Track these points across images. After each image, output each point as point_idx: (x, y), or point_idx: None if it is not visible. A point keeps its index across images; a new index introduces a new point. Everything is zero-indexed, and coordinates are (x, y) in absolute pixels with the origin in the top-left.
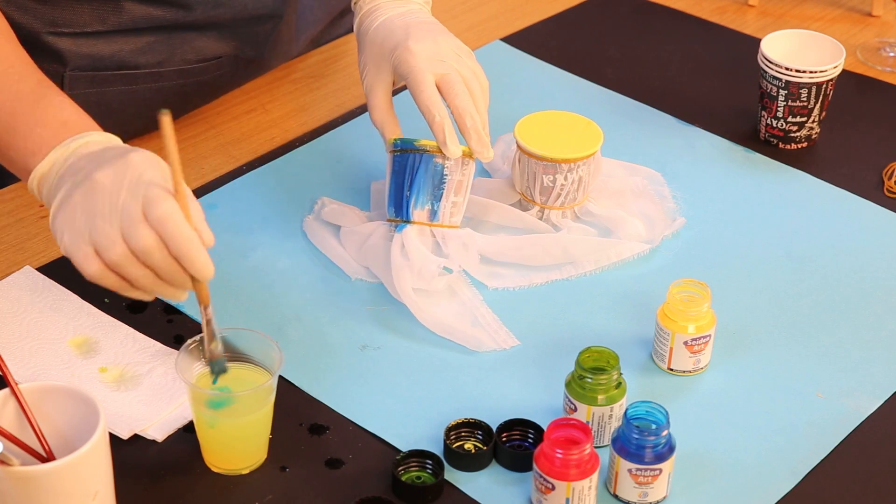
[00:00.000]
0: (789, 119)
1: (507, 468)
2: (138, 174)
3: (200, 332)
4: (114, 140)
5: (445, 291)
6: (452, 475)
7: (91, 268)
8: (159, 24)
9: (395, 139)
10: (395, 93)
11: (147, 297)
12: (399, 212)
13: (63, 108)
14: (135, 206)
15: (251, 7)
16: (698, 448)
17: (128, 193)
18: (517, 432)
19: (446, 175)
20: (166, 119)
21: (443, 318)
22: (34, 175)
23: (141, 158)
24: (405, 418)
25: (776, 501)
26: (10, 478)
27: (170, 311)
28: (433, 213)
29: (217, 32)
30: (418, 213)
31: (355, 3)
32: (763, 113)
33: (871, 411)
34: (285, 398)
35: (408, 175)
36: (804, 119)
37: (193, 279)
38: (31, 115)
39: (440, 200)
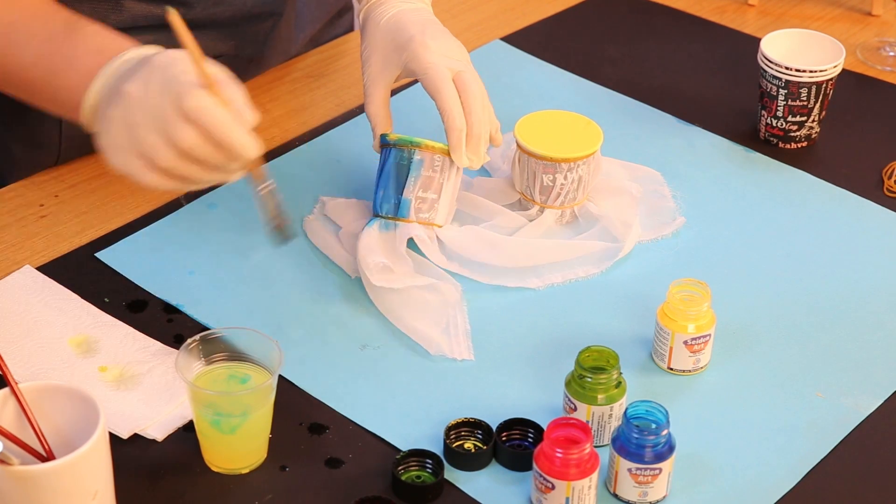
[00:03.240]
0: (789, 118)
1: (506, 468)
2: (163, 74)
3: (201, 330)
4: (151, 50)
5: (433, 293)
6: (452, 474)
7: (147, 177)
8: (159, 23)
9: (381, 134)
10: (394, 92)
11: (213, 183)
12: (374, 207)
13: (96, 35)
14: (168, 107)
15: (251, 4)
16: (698, 448)
17: (158, 96)
18: (517, 432)
19: (412, 169)
20: (173, 14)
21: (411, 315)
22: (84, 111)
23: (163, 58)
24: (405, 418)
25: (776, 501)
26: (10, 477)
27: (170, 310)
28: (397, 207)
29: (217, 31)
30: (387, 206)
31: None
32: (763, 112)
33: (871, 411)
34: (285, 398)
35: (379, 169)
36: (804, 118)
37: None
38: (68, 51)
39: (402, 194)
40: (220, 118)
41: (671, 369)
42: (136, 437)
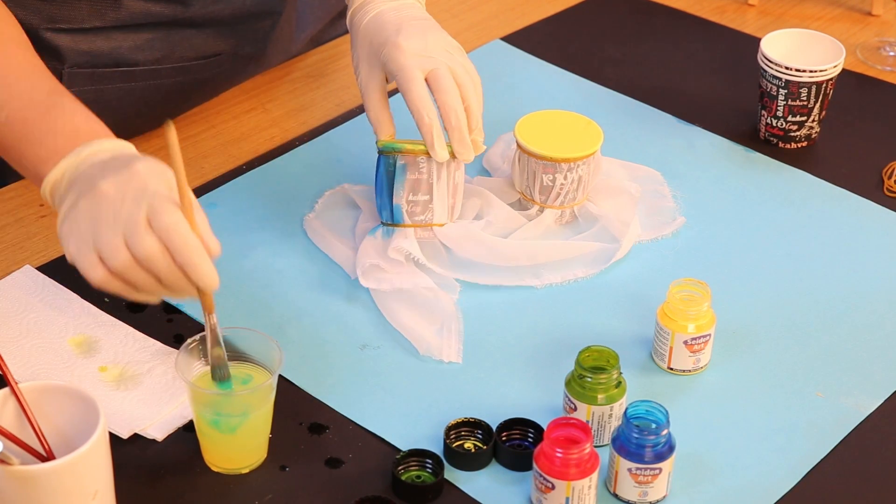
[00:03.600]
0: (789, 118)
1: (506, 467)
2: (143, 184)
3: (201, 331)
4: (125, 147)
5: (431, 293)
6: (452, 474)
7: (96, 274)
8: (158, 21)
9: (382, 143)
10: (393, 92)
11: (153, 301)
12: (378, 215)
13: (75, 115)
14: (138, 215)
15: (249, 3)
16: (698, 447)
17: (132, 203)
18: (517, 432)
19: (398, 175)
20: (170, 129)
21: (407, 314)
22: (46, 183)
23: (146, 168)
24: (405, 418)
25: (776, 501)
26: (10, 477)
27: (170, 310)
28: (392, 214)
29: (215, 29)
30: (385, 214)
31: None
32: (763, 112)
33: (871, 410)
34: (285, 398)
35: (375, 177)
36: (804, 118)
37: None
38: (43, 123)
39: (392, 200)
40: (190, 242)
41: (671, 369)
42: (136, 437)
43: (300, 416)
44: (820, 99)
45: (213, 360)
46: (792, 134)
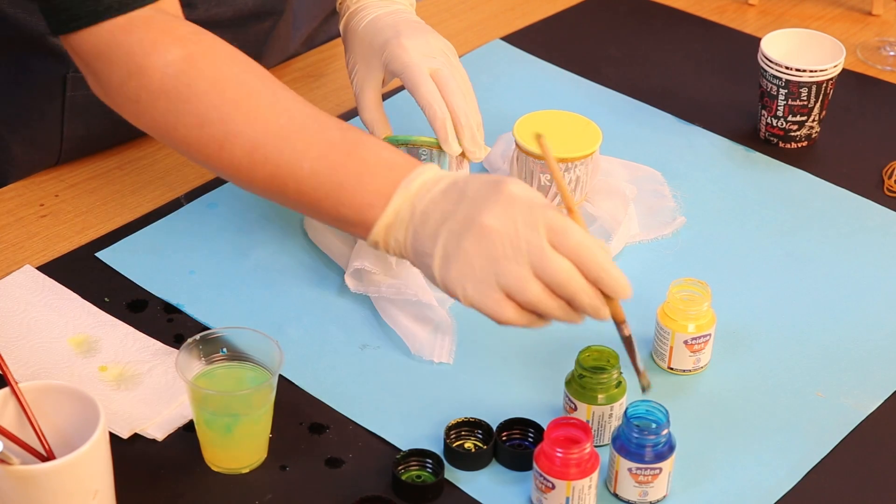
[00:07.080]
0: (789, 118)
1: (507, 467)
2: (528, 207)
3: (201, 330)
4: (444, 172)
5: (426, 294)
6: (452, 474)
7: (507, 313)
8: None
9: (386, 138)
10: (387, 95)
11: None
12: None
13: (379, 148)
14: (540, 240)
15: (252, 4)
16: (698, 447)
17: (527, 229)
18: (517, 431)
19: None
20: (544, 140)
21: (402, 312)
22: (378, 228)
23: (518, 188)
24: (405, 417)
25: (776, 501)
26: (11, 477)
27: (170, 310)
28: None
29: (218, 31)
30: None
31: (340, 4)
32: (763, 112)
33: (871, 410)
34: (285, 398)
35: None
36: (804, 118)
37: (608, 298)
38: (353, 165)
39: None
40: (599, 255)
41: (671, 369)
42: (136, 437)
43: (300, 416)
44: (820, 99)
45: (642, 371)
46: (792, 134)
